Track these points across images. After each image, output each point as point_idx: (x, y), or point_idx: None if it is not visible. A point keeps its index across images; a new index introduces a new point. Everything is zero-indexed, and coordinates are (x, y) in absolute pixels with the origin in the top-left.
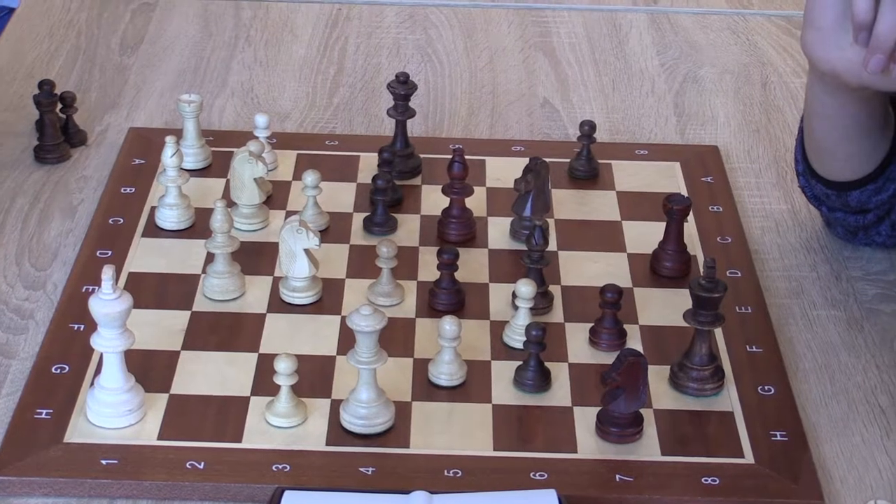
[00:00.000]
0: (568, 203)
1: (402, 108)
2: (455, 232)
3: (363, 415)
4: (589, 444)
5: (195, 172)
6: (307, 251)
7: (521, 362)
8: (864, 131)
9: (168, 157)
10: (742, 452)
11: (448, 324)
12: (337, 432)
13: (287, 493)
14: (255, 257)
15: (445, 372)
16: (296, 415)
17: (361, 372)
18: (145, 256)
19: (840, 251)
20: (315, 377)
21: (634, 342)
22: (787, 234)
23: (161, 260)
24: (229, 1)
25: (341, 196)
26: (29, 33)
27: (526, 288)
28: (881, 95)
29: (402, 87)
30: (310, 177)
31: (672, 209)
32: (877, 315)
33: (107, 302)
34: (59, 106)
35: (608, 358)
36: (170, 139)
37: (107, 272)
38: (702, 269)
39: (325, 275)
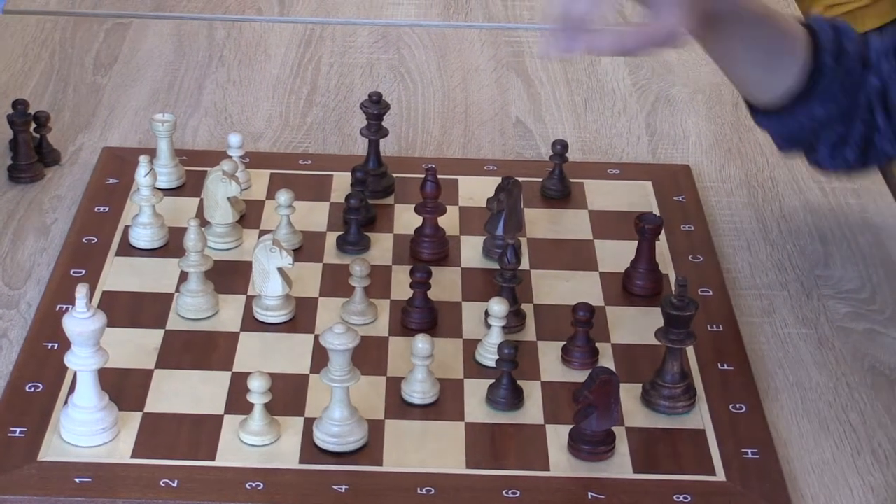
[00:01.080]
0: (540, 222)
1: (375, 128)
2: (428, 251)
3: (336, 433)
4: (561, 462)
5: (169, 191)
6: (280, 270)
7: (493, 380)
8: (773, 52)
9: (142, 176)
10: (714, 470)
11: (421, 342)
12: (310, 450)
13: None
14: (229, 276)
15: (418, 390)
16: (269, 433)
17: (334, 390)
18: (119, 275)
19: (811, 270)
20: (288, 395)
21: (606, 360)
22: (758, 253)
23: (135, 279)
24: (203, 21)
25: (314, 215)
26: (2, 52)
27: (498, 307)
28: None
29: (375, 107)
30: (283, 196)
31: (644, 228)
32: (847, 333)
33: (81, 320)
34: (33, 125)
35: (580, 376)
36: (143, 158)
37: (81, 291)
38: (674, 288)
39: (299, 293)
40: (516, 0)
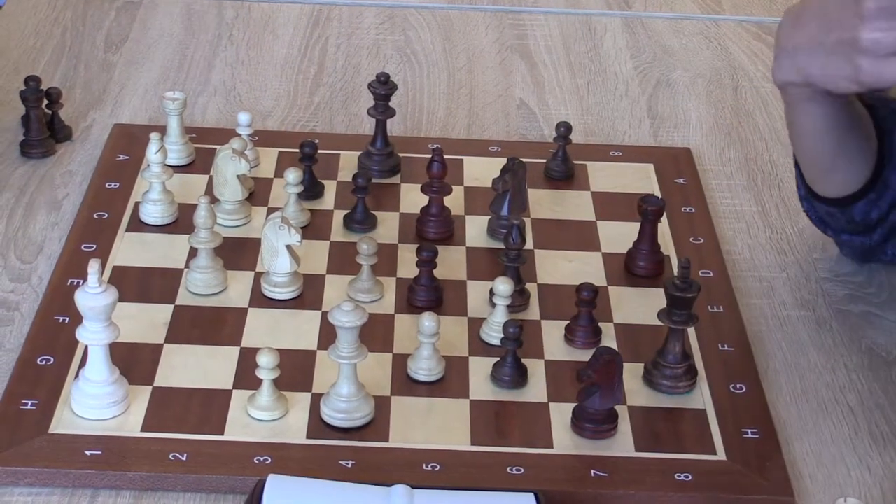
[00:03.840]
0: (544, 203)
1: (382, 108)
2: (434, 230)
3: (343, 409)
4: (564, 440)
5: (179, 168)
6: (289, 247)
7: (498, 358)
8: (851, 134)
9: (152, 153)
10: (714, 449)
11: (427, 320)
12: (317, 426)
13: (271, 478)
14: (238, 253)
15: (424, 367)
16: (277, 408)
17: (342, 367)
18: (129, 251)
19: (809, 253)
20: (296, 371)
21: (609, 340)
22: (757, 236)
23: (145, 254)
24: (212, 1)
25: (322, 193)
26: (15, 30)
27: (503, 286)
28: (853, 100)
29: (383, 88)
30: (291, 174)
31: (647, 210)
32: (845, 316)
33: (92, 295)
34: (45, 102)
35: (583, 355)
36: (154, 136)
37: (93, 266)
38: (675, 269)
39: (306, 271)
40: None
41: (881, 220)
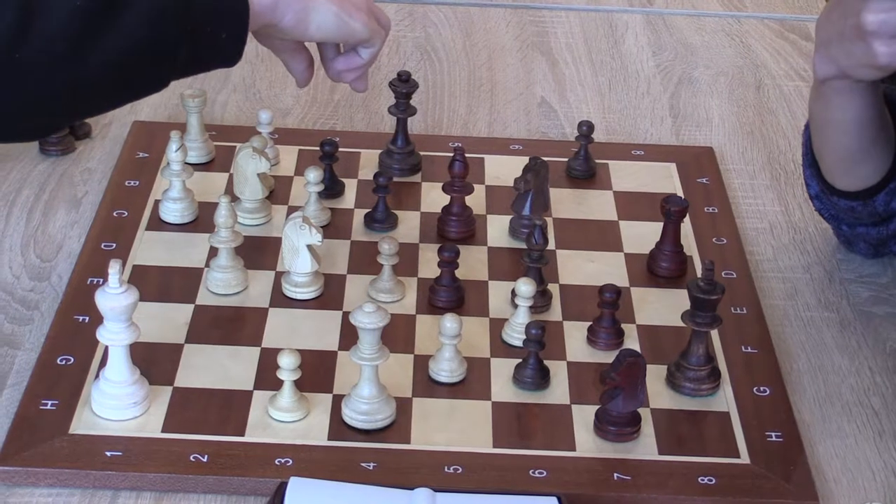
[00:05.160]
0: (566, 202)
1: (403, 107)
2: (455, 229)
3: (365, 410)
4: (587, 443)
5: (199, 167)
6: (310, 247)
7: (520, 360)
8: (880, 125)
9: (173, 151)
10: (738, 452)
11: (449, 321)
12: (339, 427)
13: (293, 480)
14: (258, 252)
15: (446, 369)
16: (298, 409)
17: (363, 368)
18: (149, 249)
19: (833, 253)
20: (317, 372)
21: (632, 341)
22: (780, 236)
23: (165, 253)
24: None
25: (343, 192)
26: None
27: (526, 287)
28: (879, 91)
29: (404, 86)
30: (312, 173)
31: (670, 210)
32: (869, 317)
33: (113, 296)
34: None
35: (606, 357)
36: (174, 134)
37: (113, 266)
38: (698, 270)
39: (327, 270)
40: None
41: None
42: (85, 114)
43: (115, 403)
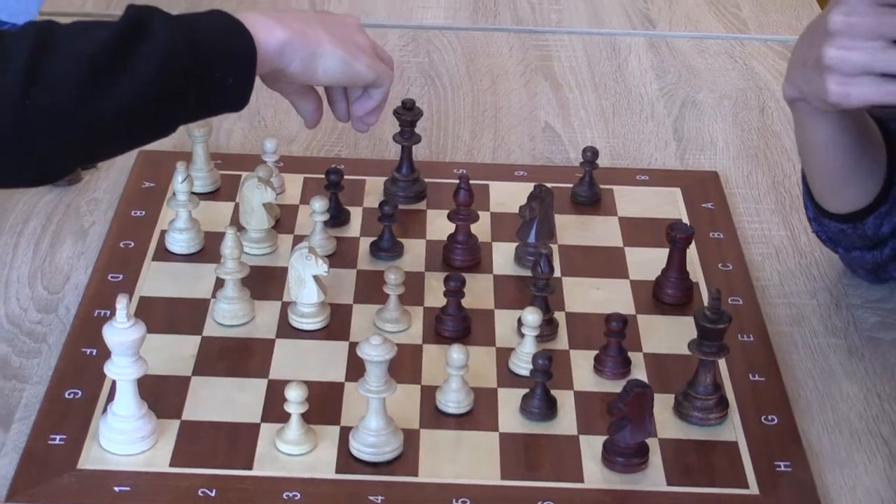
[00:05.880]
0: (571, 229)
1: (407, 134)
2: (461, 258)
3: (372, 443)
4: (595, 474)
5: (204, 196)
6: (316, 277)
7: (527, 390)
8: (862, 148)
9: (178, 182)
10: (746, 483)
11: (456, 352)
12: (346, 460)
13: None
14: (264, 282)
15: (453, 400)
16: (306, 442)
17: (371, 401)
18: (156, 280)
19: (839, 278)
20: (324, 403)
21: (638, 370)
22: (786, 261)
23: (171, 284)
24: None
25: (348, 220)
26: None
27: (532, 316)
28: (862, 113)
29: (409, 114)
30: (318, 203)
31: (675, 237)
32: (877, 343)
33: (121, 330)
34: None
35: (613, 386)
36: (180, 165)
37: (121, 301)
38: (704, 297)
39: (333, 300)
40: (544, 3)
41: (893, 234)
42: (94, 159)
43: (123, 438)
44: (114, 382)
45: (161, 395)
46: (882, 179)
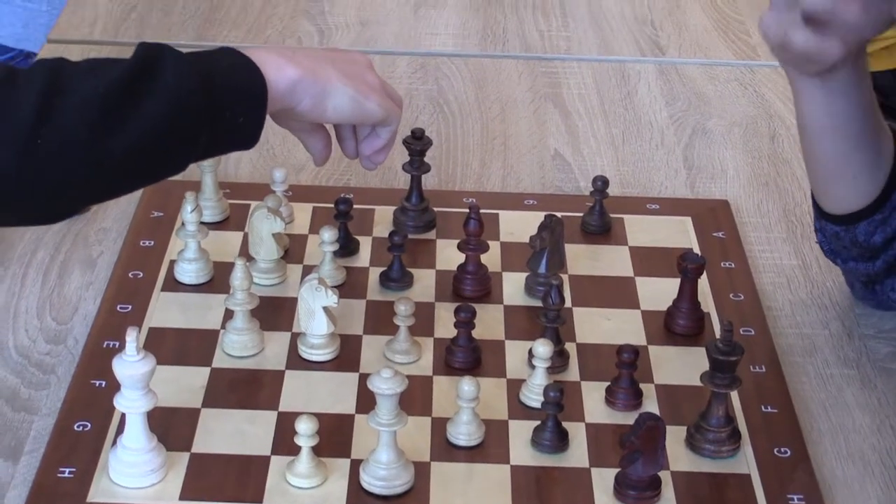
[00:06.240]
0: (581, 258)
1: (417, 164)
2: (471, 288)
3: (383, 476)
4: None
5: (213, 225)
6: (326, 308)
7: (538, 422)
8: (865, 143)
9: (188, 213)
10: None
11: (467, 385)
12: (357, 493)
13: None
14: (274, 312)
15: (464, 432)
16: (316, 475)
17: (381, 434)
18: (165, 311)
19: (851, 308)
20: (334, 436)
21: (650, 402)
22: (798, 291)
23: (181, 315)
24: (241, 47)
25: (358, 250)
26: None
27: (543, 348)
28: (872, 103)
29: (418, 143)
30: (327, 233)
31: (686, 268)
32: (890, 374)
33: (130, 363)
34: None
35: (625, 418)
36: (189, 195)
37: (131, 334)
38: (716, 327)
39: (343, 331)
40: (553, 30)
41: (885, 245)
42: (105, 198)
43: (133, 471)
44: (123, 415)
45: (171, 427)
46: (881, 185)
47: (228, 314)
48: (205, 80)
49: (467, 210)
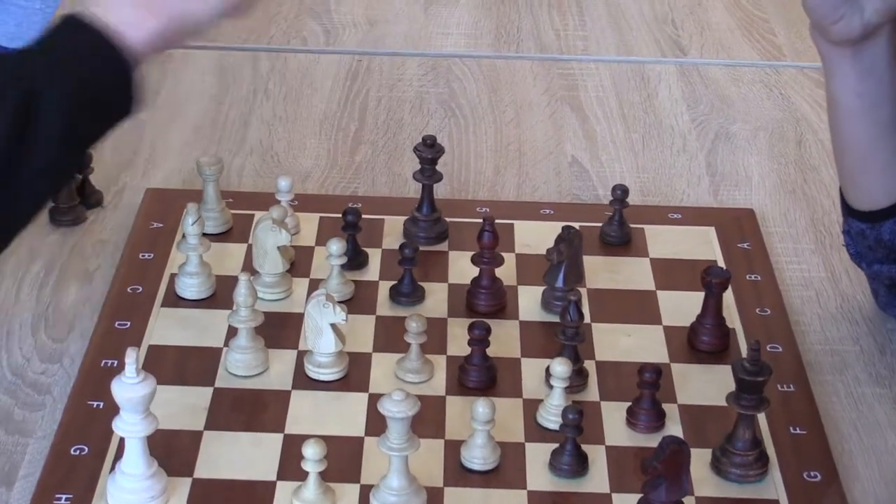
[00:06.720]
0: (600, 271)
1: (428, 172)
2: (485, 303)
3: (394, 503)
4: None
5: (215, 237)
6: (334, 326)
7: (556, 444)
8: (893, 127)
9: (189, 225)
10: None
11: (482, 406)
12: None
13: None
14: (279, 329)
15: (479, 456)
16: (324, 502)
17: (392, 459)
18: (165, 328)
19: (883, 323)
20: (343, 460)
21: (673, 423)
22: (827, 305)
23: (182, 332)
24: (246, 52)
25: (367, 262)
26: None
27: (561, 367)
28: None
29: (430, 151)
30: (335, 245)
31: (711, 283)
32: None
33: (130, 386)
34: None
35: (646, 440)
36: (191, 207)
37: (130, 355)
38: (741, 343)
39: (352, 349)
40: (569, 30)
41: None
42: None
43: (133, 498)
44: (122, 439)
45: (172, 451)
46: None
47: (232, 331)
48: (84, 101)
49: (481, 220)
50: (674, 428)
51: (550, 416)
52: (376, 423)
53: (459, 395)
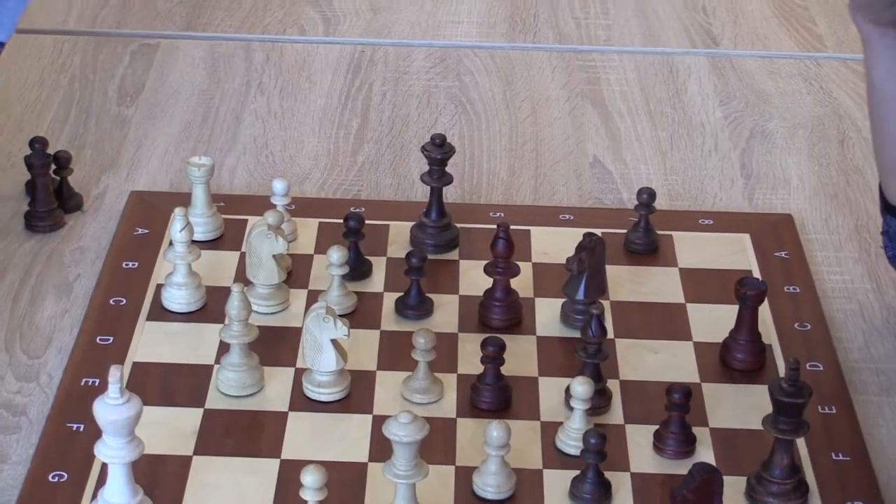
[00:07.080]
0: (625, 282)
1: (437, 174)
2: (499, 317)
3: None
4: None
5: (205, 244)
6: (334, 341)
7: (577, 472)
8: None
9: (177, 231)
10: None
11: (495, 430)
12: None
13: None
14: (275, 345)
15: (492, 483)
16: None
17: (399, 486)
18: (151, 343)
19: None
20: (345, 488)
21: (704, 449)
22: (872, 319)
23: (169, 347)
24: (239, 41)
25: (370, 272)
26: (17, 80)
27: (582, 387)
28: None
29: (438, 151)
30: (335, 254)
31: (745, 295)
32: None
33: (113, 408)
34: (53, 167)
35: (675, 467)
36: (179, 211)
37: (114, 374)
38: (778, 361)
39: (354, 367)
40: (591, 18)
41: None
42: None
43: None
44: (104, 465)
45: (158, 478)
46: None
47: (224, 347)
48: None
49: (494, 227)
50: (705, 454)
51: (570, 441)
52: (381, 448)
53: (471, 418)
